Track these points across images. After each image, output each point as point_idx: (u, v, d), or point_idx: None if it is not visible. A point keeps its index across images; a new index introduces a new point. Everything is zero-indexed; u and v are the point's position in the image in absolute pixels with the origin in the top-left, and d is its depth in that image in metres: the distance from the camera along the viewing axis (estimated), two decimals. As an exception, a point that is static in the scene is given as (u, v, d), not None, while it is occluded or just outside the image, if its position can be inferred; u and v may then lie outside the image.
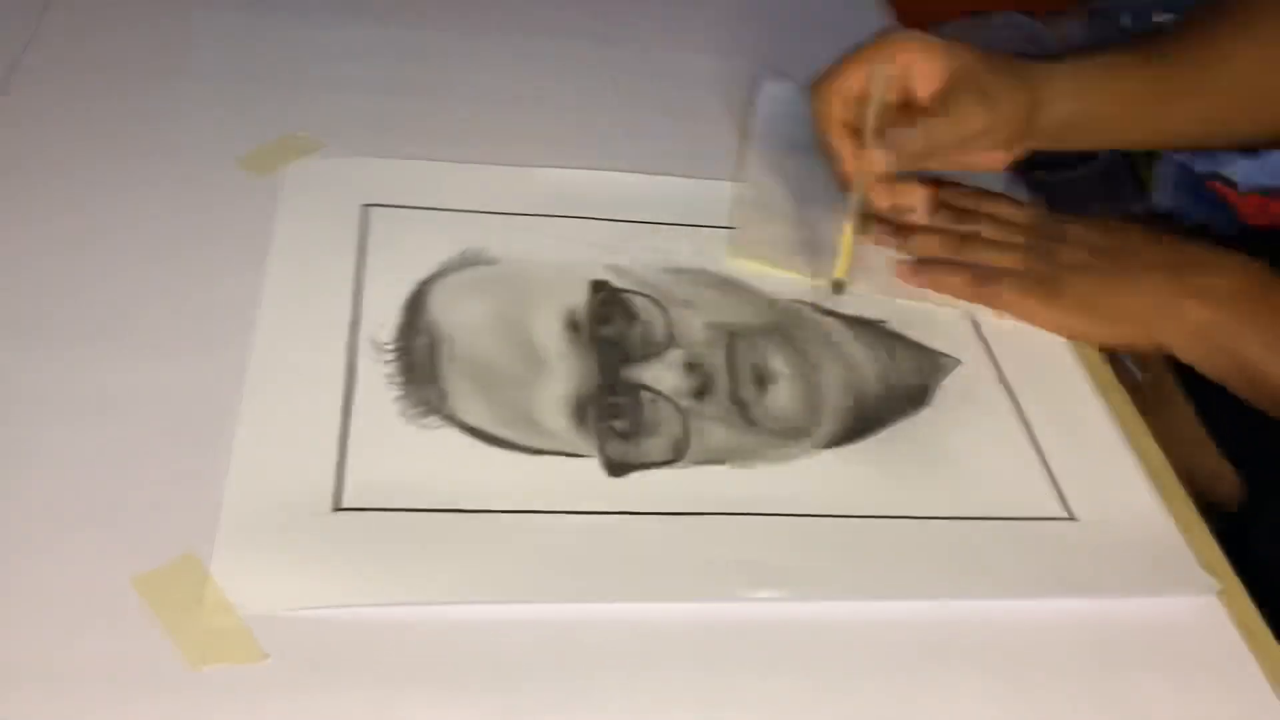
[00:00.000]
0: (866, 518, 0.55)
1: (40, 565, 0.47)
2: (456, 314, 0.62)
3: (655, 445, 0.57)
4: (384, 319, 0.61)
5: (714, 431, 0.58)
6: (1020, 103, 0.64)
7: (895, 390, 0.63)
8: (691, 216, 0.72)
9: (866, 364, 0.64)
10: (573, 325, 0.62)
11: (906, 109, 0.65)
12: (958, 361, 0.65)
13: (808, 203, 0.72)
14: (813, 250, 0.69)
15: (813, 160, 0.70)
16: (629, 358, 0.61)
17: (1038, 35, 1.45)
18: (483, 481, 0.53)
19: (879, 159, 0.62)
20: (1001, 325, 0.67)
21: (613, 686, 0.47)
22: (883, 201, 0.66)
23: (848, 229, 0.65)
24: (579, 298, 0.64)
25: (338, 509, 0.51)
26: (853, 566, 0.53)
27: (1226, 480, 0.76)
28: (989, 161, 0.68)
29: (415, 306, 0.62)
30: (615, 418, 0.57)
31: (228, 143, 0.71)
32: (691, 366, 0.61)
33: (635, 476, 0.55)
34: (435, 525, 0.51)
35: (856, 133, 0.64)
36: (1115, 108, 0.67)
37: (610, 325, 0.62)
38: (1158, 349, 0.62)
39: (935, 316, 0.67)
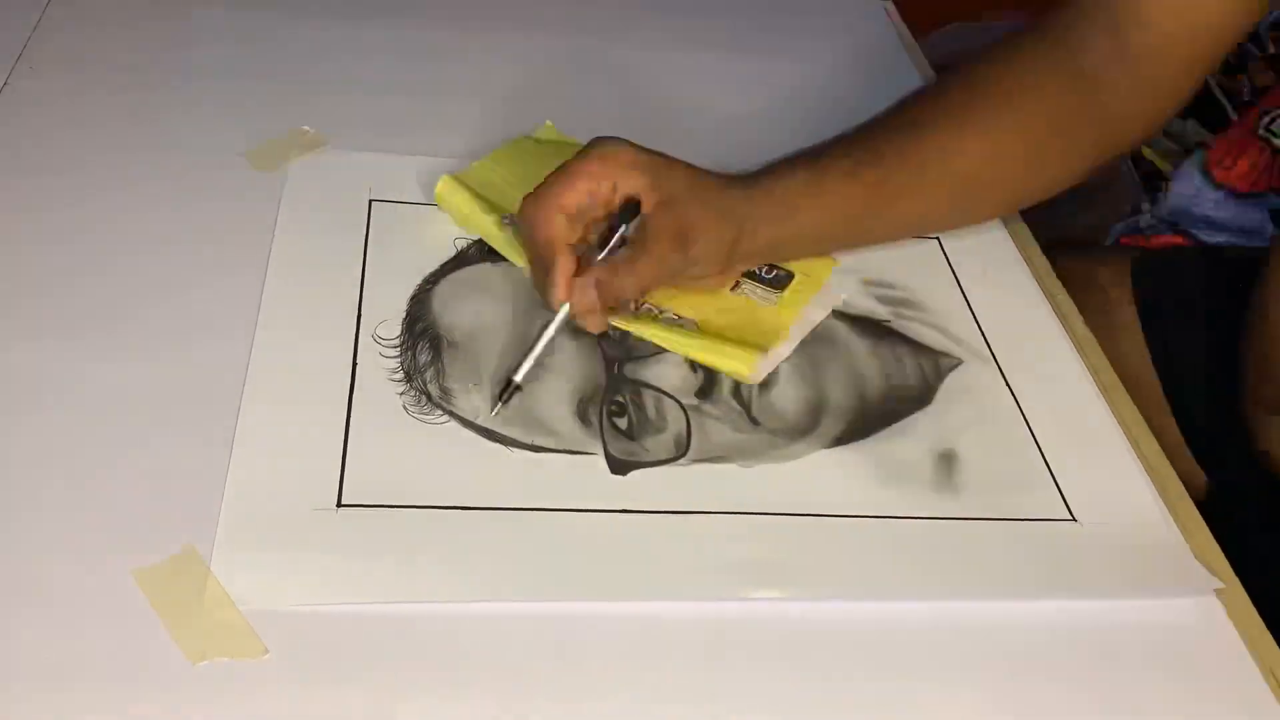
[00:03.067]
0: (868, 518, 0.55)
1: (41, 558, 0.47)
2: (461, 311, 0.62)
3: (658, 443, 0.57)
4: (387, 315, 0.61)
5: (717, 430, 0.58)
6: (719, 239, 0.60)
7: (897, 390, 0.62)
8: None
9: (869, 363, 0.64)
10: (576, 322, 0.62)
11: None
12: (959, 361, 0.65)
13: None
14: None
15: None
16: (632, 355, 0.61)
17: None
18: (485, 479, 0.53)
19: (591, 299, 0.57)
20: (1004, 323, 0.67)
21: (613, 684, 0.47)
22: (594, 327, 0.59)
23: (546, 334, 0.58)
24: (582, 295, 0.64)
25: (339, 505, 0.51)
26: (854, 567, 0.53)
27: (1194, 481, 0.77)
28: (699, 286, 0.64)
29: (419, 302, 0.62)
30: (618, 415, 0.57)
31: (233, 138, 0.71)
32: (695, 365, 0.61)
33: (638, 474, 0.55)
34: (437, 523, 0.51)
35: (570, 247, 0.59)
36: (824, 225, 0.63)
37: (614, 323, 0.62)
38: None
39: (939, 316, 0.68)
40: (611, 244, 0.58)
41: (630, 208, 0.58)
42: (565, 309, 0.58)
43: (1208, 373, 0.80)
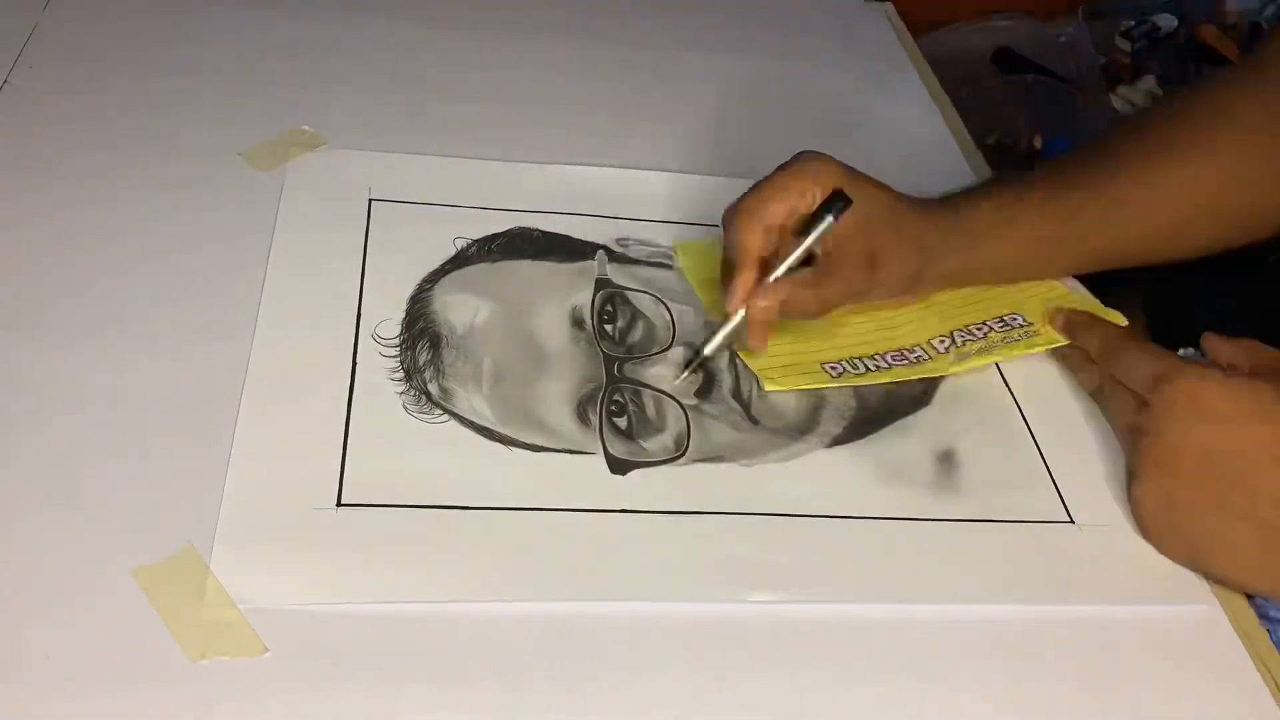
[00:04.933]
0: (867, 519, 0.55)
1: (42, 557, 0.47)
2: (460, 310, 0.62)
3: (657, 443, 0.57)
4: (387, 314, 0.61)
5: (716, 429, 0.58)
6: (905, 266, 0.61)
7: (897, 390, 0.62)
8: (696, 214, 0.72)
9: (868, 364, 0.63)
10: (576, 322, 0.62)
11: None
12: (959, 362, 0.65)
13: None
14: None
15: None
16: (632, 355, 0.61)
17: (1039, 36, 1.45)
18: (485, 479, 0.53)
19: (771, 311, 0.58)
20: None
21: (611, 684, 0.47)
22: (756, 342, 0.60)
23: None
24: (583, 295, 0.64)
25: (339, 505, 0.51)
26: (853, 569, 0.53)
27: None
28: (892, 304, 0.65)
29: (419, 302, 0.62)
30: (618, 415, 0.58)
31: (231, 137, 0.70)
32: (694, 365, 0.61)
33: (637, 474, 0.55)
34: (437, 522, 0.51)
35: (762, 262, 0.59)
36: (1011, 256, 0.64)
37: (613, 323, 0.62)
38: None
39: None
40: (794, 257, 0.58)
41: (825, 213, 0.57)
42: (738, 317, 0.59)
43: None
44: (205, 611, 0.46)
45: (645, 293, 0.65)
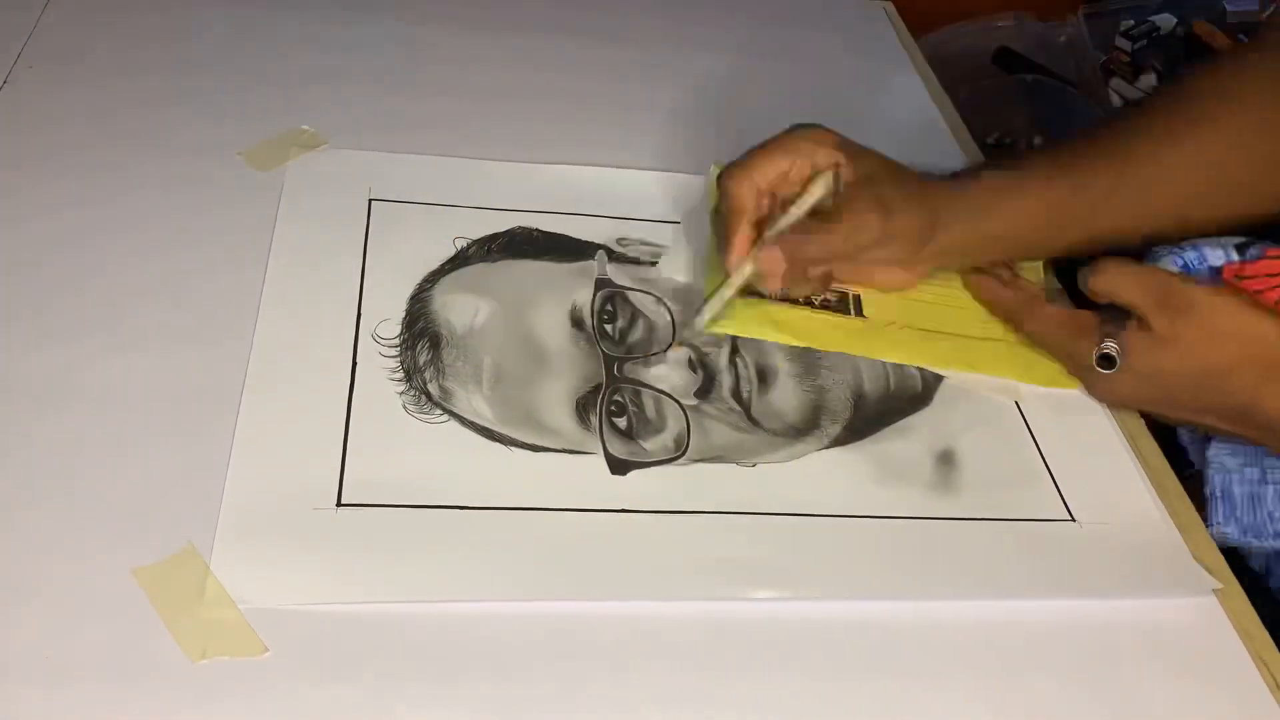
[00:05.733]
0: (867, 518, 0.55)
1: (42, 557, 0.47)
2: (460, 310, 0.62)
3: (657, 443, 0.57)
4: (387, 314, 0.61)
5: (716, 430, 0.58)
6: (917, 219, 0.61)
7: (897, 390, 0.63)
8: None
9: (869, 364, 0.64)
10: (576, 322, 0.62)
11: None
12: (959, 362, 0.65)
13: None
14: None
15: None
16: (632, 355, 0.61)
17: (1039, 36, 1.45)
18: (485, 479, 0.53)
19: (775, 259, 0.60)
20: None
21: (611, 684, 0.47)
22: (774, 287, 0.62)
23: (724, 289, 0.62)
24: (583, 295, 0.64)
25: (339, 505, 0.51)
26: (853, 566, 0.53)
27: None
28: (888, 280, 0.65)
29: (419, 302, 0.62)
30: (618, 415, 0.58)
31: (231, 137, 0.70)
32: (694, 364, 0.61)
33: (637, 474, 0.55)
34: (436, 522, 0.51)
35: (757, 223, 0.62)
36: (1019, 228, 0.63)
37: (613, 322, 0.63)
38: None
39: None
40: (796, 210, 0.61)
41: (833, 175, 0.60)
42: (745, 270, 0.61)
43: None
44: (205, 611, 0.46)
45: (645, 292, 0.65)
